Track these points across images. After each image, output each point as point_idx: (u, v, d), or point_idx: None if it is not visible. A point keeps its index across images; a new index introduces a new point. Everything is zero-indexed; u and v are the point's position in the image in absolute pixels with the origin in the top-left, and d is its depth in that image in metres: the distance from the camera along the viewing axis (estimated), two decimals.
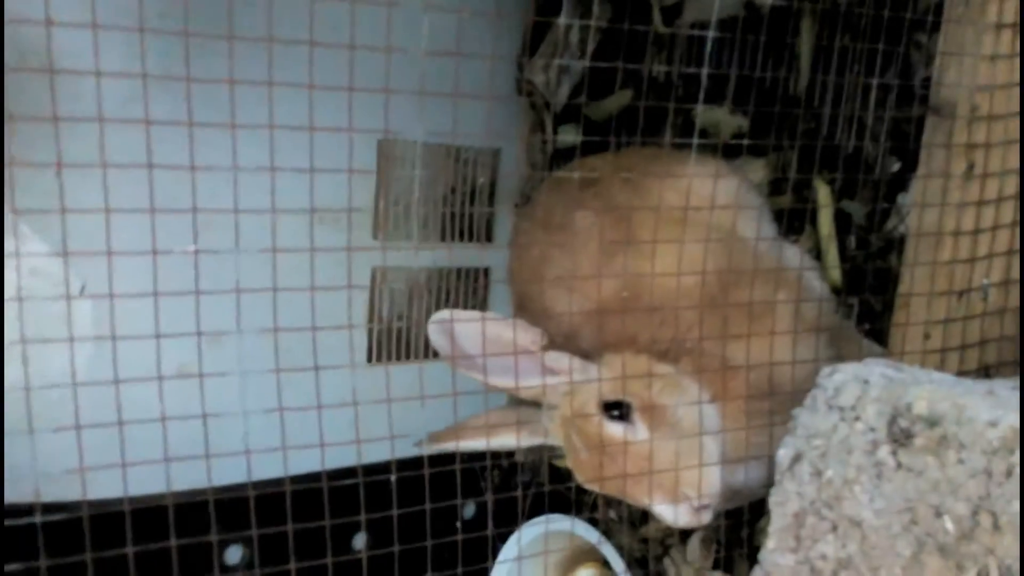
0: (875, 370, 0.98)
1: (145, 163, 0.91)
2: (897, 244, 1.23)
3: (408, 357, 1.74)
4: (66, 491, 1.33)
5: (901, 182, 1.26)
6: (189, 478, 1.04)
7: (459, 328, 1.11)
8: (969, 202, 1.09)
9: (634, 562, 1.60)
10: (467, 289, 1.82)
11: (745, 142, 1.40)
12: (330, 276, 1.11)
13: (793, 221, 1.37)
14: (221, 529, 1.12)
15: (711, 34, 1.41)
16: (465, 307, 1.78)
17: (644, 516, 1.62)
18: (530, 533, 1.62)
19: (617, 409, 1.11)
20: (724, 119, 1.48)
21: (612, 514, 1.67)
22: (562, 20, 1.64)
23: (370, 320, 1.70)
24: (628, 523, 1.64)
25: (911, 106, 1.21)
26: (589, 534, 1.58)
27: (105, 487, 1.00)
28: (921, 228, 1.10)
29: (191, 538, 1.07)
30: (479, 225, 1.83)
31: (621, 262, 1.17)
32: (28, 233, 1.37)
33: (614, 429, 1.11)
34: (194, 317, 1.01)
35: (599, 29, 1.70)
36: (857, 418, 0.96)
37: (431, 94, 0.99)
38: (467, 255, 1.83)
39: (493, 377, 1.11)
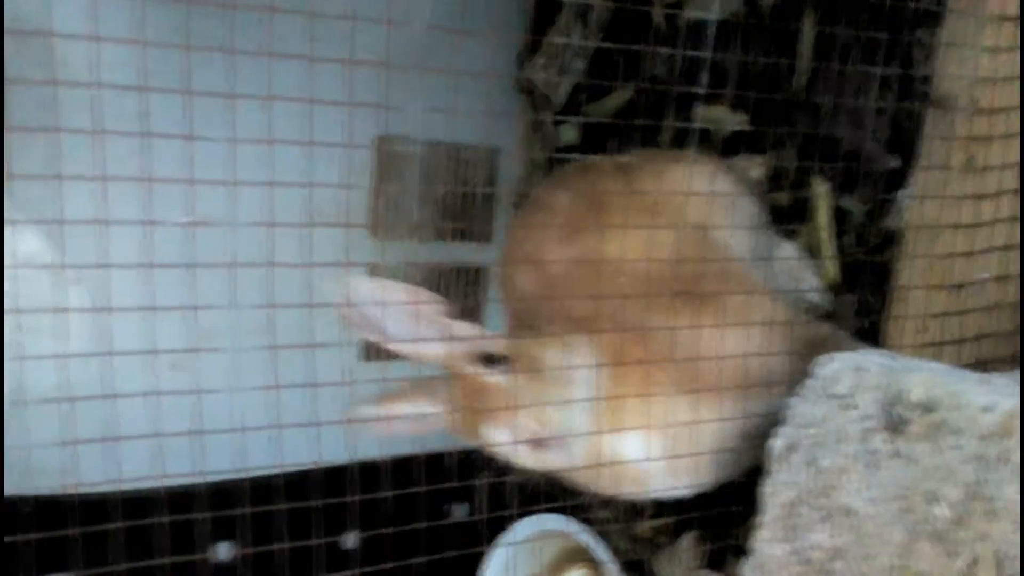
0: (871, 358, 0.98)
1: (141, 132, 0.91)
2: (895, 240, 1.22)
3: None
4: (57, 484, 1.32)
5: (900, 178, 1.26)
6: (181, 471, 1.04)
7: (366, 297, 1.12)
8: (968, 195, 1.09)
9: (625, 562, 1.59)
10: (464, 288, 1.82)
11: (746, 127, 1.40)
12: (327, 273, 1.12)
13: (792, 217, 1.37)
14: (211, 524, 1.12)
15: (712, 16, 1.41)
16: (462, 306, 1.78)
17: (636, 515, 1.61)
18: (522, 532, 1.61)
19: (494, 362, 1.13)
20: (725, 116, 1.48)
21: (604, 514, 1.66)
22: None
23: None
24: (620, 523, 1.62)
25: (911, 101, 1.21)
26: (581, 534, 1.57)
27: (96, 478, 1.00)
28: (920, 220, 1.10)
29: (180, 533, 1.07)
30: (477, 224, 1.83)
31: (577, 245, 1.22)
32: (24, 223, 1.38)
33: (488, 378, 1.13)
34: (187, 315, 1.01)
35: (600, 26, 1.70)
36: (852, 406, 0.95)
37: (431, 69, 0.99)
38: (465, 254, 1.83)
39: (400, 345, 1.13)
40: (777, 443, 1.01)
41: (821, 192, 1.34)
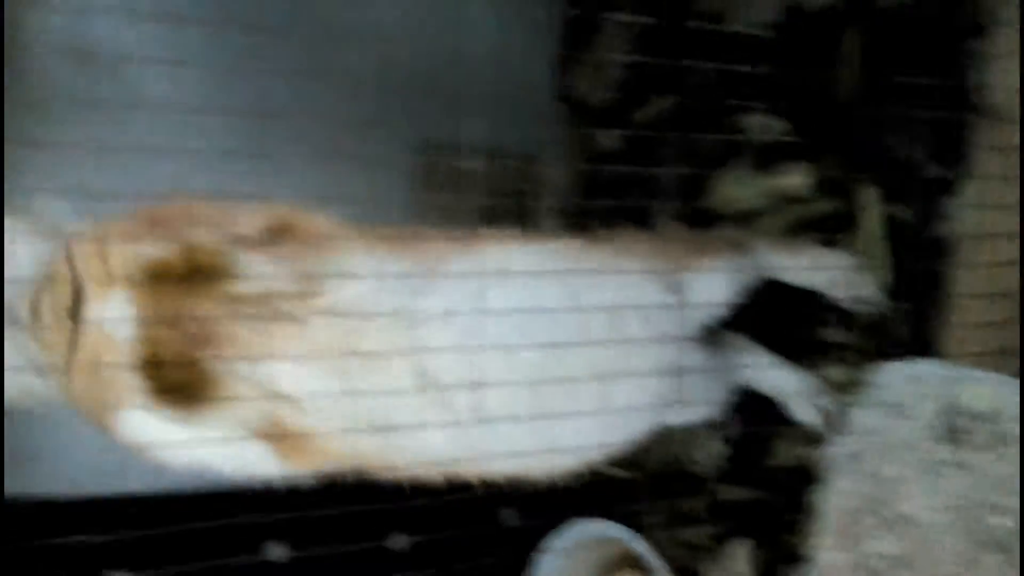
0: (927, 368, 0.99)
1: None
2: (947, 248, 1.22)
3: None
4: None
5: (951, 187, 1.26)
6: None
7: None
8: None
9: (673, 568, 1.59)
10: None
11: (789, 136, 1.40)
12: None
13: (839, 225, 1.37)
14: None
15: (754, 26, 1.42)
16: None
17: (687, 522, 1.62)
18: (569, 538, 1.62)
19: None
20: (767, 123, 1.49)
21: (652, 519, 1.67)
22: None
23: None
24: (667, 528, 1.63)
25: (959, 110, 1.21)
26: (630, 540, 1.57)
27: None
28: (973, 229, 1.10)
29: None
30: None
31: None
32: None
33: None
34: None
35: (640, 35, 1.71)
36: (910, 416, 0.96)
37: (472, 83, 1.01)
38: None
39: None
40: (837, 451, 1.02)
41: (871, 200, 1.34)
